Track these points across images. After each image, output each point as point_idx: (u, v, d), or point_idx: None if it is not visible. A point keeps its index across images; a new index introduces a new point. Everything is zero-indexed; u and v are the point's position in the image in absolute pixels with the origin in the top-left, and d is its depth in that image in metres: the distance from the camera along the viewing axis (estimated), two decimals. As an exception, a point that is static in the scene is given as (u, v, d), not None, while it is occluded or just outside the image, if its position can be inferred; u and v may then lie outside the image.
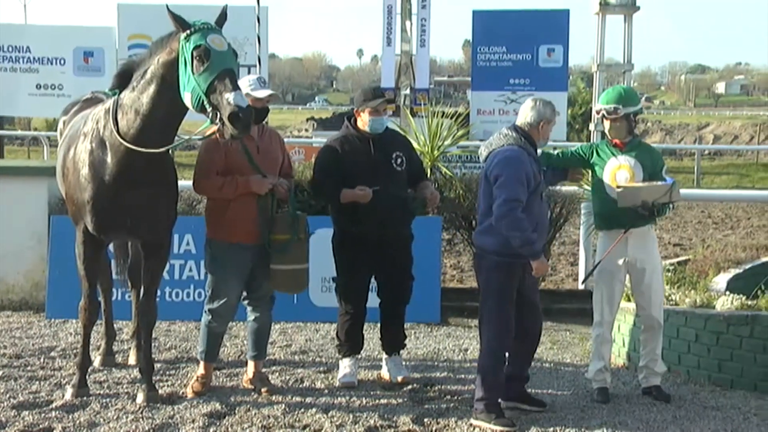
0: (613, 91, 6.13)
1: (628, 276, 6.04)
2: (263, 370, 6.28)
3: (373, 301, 6.38)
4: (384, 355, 6.48)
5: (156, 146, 5.25)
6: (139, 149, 5.21)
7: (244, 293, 5.98)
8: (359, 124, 6.14)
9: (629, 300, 6.54)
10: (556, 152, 6.48)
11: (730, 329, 6.14)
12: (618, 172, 5.91)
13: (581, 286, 8.55)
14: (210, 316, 5.90)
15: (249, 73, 12.96)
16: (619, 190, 5.78)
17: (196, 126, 5.69)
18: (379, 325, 6.46)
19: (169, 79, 5.12)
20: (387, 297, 6.32)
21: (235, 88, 4.89)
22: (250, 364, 6.18)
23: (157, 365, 6.46)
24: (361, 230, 6.04)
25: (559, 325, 7.86)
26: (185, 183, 6.11)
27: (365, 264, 6.16)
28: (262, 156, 5.78)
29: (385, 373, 6.41)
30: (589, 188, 6.57)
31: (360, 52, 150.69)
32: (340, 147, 6.12)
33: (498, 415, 5.38)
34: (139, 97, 5.25)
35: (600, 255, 6.00)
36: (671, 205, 5.90)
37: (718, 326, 6.23)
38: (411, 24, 17.22)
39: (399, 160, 6.15)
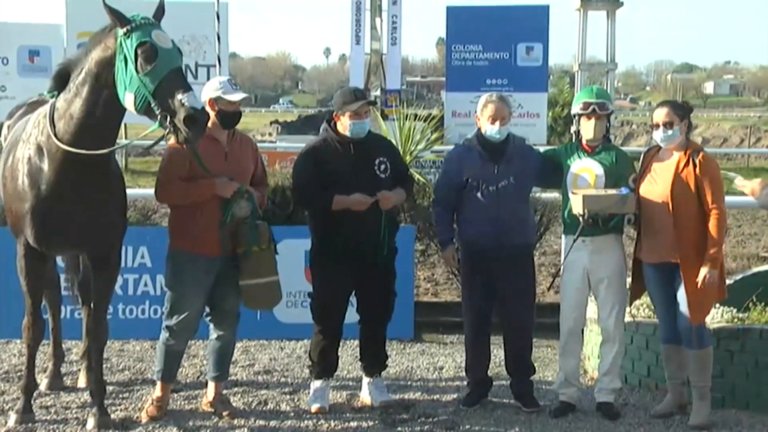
0: (596, 87, 6.31)
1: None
2: (224, 391, 6.25)
3: (350, 317, 6.35)
4: (364, 378, 6.46)
5: (95, 150, 5.16)
6: (78, 151, 5.11)
7: (207, 309, 5.95)
8: (339, 128, 6.11)
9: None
10: None
11: (721, 344, 6.19)
12: (580, 175, 6.03)
13: (545, 292, 8.62)
14: (168, 334, 5.86)
15: (208, 73, 12.93)
16: (572, 195, 5.92)
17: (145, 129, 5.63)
18: (349, 341, 6.45)
19: (104, 79, 5.04)
20: (368, 314, 6.30)
21: (187, 88, 4.85)
22: (211, 386, 6.15)
23: (110, 388, 6.40)
24: (343, 242, 6.02)
25: (540, 341, 7.86)
26: (139, 191, 6.09)
27: (346, 278, 6.14)
28: (231, 164, 5.73)
29: (366, 397, 6.39)
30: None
31: (327, 51, 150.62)
32: (320, 152, 6.09)
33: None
34: (74, 99, 5.17)
35: (565, 257, 6.15)
36: (629, 218, 5.94)
37: (707, 341, 6.28)
38: (381, 21, 17.25)
39: (383, 167, 6.13)
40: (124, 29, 4.94)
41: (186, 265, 5.73)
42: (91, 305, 5.84)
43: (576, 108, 6.14)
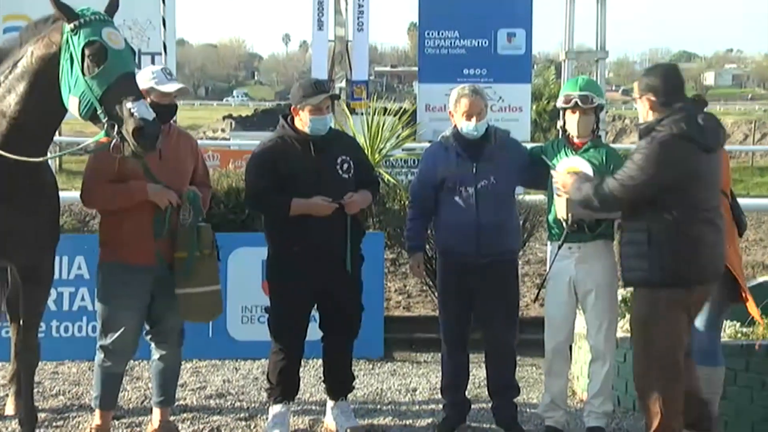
0: (581, 78, 6.29)
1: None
2: (172, 418, 6.23)
3: (312, 333, 6.36)
4: (329, 401, 6.46)
5: (28, 155, 5.04)
6: (8, 156, 5.04)
7: (147, 327, 5.92)
8: (297, 124, 6.10)
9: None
10: None
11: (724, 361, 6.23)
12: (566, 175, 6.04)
13: (530, 304, 8.62)
14: (103, 355, 5.82)
15: (153, 62, 12.88)
16: (556, 197, 5.97)
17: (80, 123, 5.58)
18: (312, 361, 6.45)
19: (47, 78, 4.92)
20: (332, 331, 6.30)
21: (139, 96, 4.78)
22: (156, 412, 6.12)
23: (42, 415, 6.36)
24: (304, 251, 6.01)
25: (524, 359, 7.91)
26: (75, 194, 6.02)
27: (308, 291, 6.14)
28: (166, 164, 5.67)
29: (330, 423, 6.40)
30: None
31: (286, 38, 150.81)
32: (276, 151, 6.08)
33: None
34: (5, 95, 5.06)
35: (549, 268, 6.18)
36: (619, 223, 5.94)
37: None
38: (346, 4, 17.25)
39: (345, 166, 6.14)
40: (72, 25, 4.82)
41: (117, 276, 5.70)
42: (20, 322, 5.78)
43: (559, 101, 6.18)
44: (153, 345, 6.00)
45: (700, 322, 5.71)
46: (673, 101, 5.27)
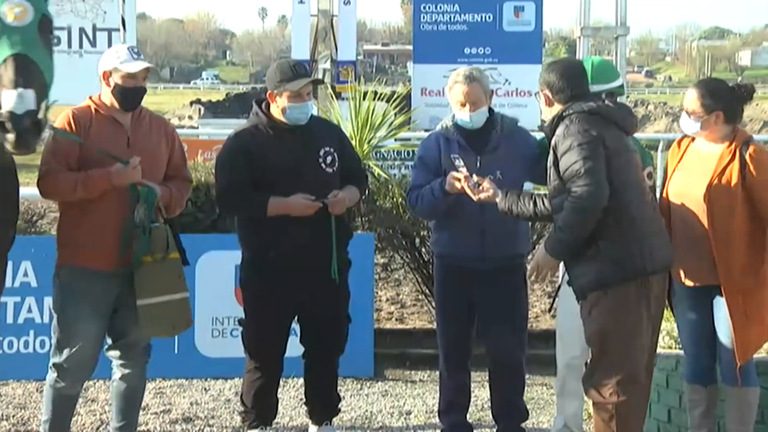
0: (597, 60, 6.31)
1: None
2: (132, 445, 6.23)
3: (292, 349, 6.38)
4: (311, 426, 6.49)
5: None
6: None
7: (108, 341, 5.92)
8: (274, 111, 6.11)
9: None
10: None
11: (759, 380, 6.26)
12: None
13: (540, 316, 8.64)
14: (56, 374, 5.82)
15: (109, 39, 12.88)
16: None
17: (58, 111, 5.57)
18: (292, 380, 6.46)
19: None
20: (315, 346, 6.32)
21: (21, 83, 4.63)
22: (115, 439, 6.13)
23: (-16, 442, 6.36)
24: (283, 255, 6.02)
25: (533, 378, 7.94)
26: (22, 191, 5.98)
27: (287, 301, 6.15)
28: (136, 152, 5.64)
29: (313, 450, 6.43)
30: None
31: (262, 13, 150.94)
32: (250, 142, 6.09)
33: None
34: None
35: (562, 276, 6.15)
36: None
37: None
38: (331, -27, 17.26)
39: (329, 159, 6.15)
40: None
41: (76, 283, 5.68)
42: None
43: None
44: (115, 363, 5.99)
45: (726, 336, 5.75)
46: (574, 96, 5.45)
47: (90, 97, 5.78)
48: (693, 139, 6.02)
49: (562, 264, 6.03)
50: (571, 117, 5.32)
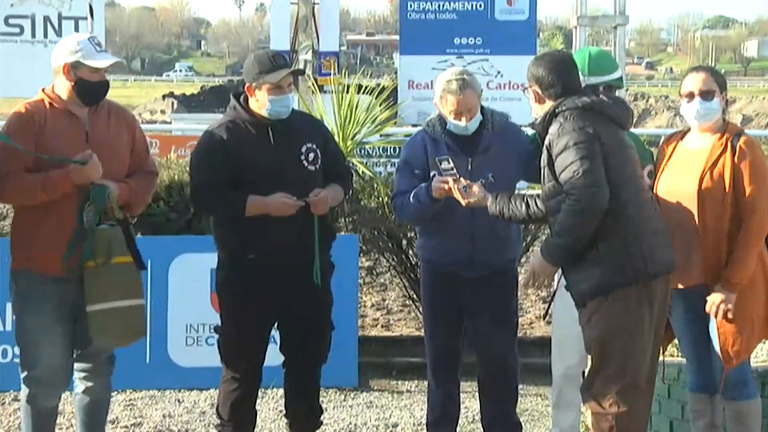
0: (594, 51, 6.34)
1: None
2: (101, 461, 6.22)
3: (271, 358, 6.38)
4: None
5: None
6: None
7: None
8: (253, 105, 6.09)
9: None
10: None
11: (765, 390, 6.28)
12: None
13: (534, 323, 8.66)
14: (29, 388, 5.74)
15: (76, 28, 12.85)
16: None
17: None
18: (271, 391, 6.45)
19: None
20: (296, 354, 6.30)
21: None
22: (82, 454, 6.11)
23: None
24: (262, 258, 6.02)
25: (527, 388, 7.95)
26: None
27: (266, 307, 6.15)
28: (95, 147, 5.58)
29: (294, 465, 6.42)
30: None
31: (239, 0, 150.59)
32: (227, 138, 6.07)
33: None
34: None
35: (558, 280, 6.11)
36: None
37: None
38: (312, -42, 17.25)
39: (311, 156, 6.13)
40: None
41: (34, 290, 5.65)
42: None
43: None
44: (77, 375, 5.94)
45: (716, 341, 5.76)
46: (566, 91, 5.43)
47: (43, 90, 5.70)
48: (682, 137, 6.06)
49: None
50: (564, 114, 5.31)
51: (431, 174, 6.03)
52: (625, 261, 5.26)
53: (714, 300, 5.64)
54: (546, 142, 5.36)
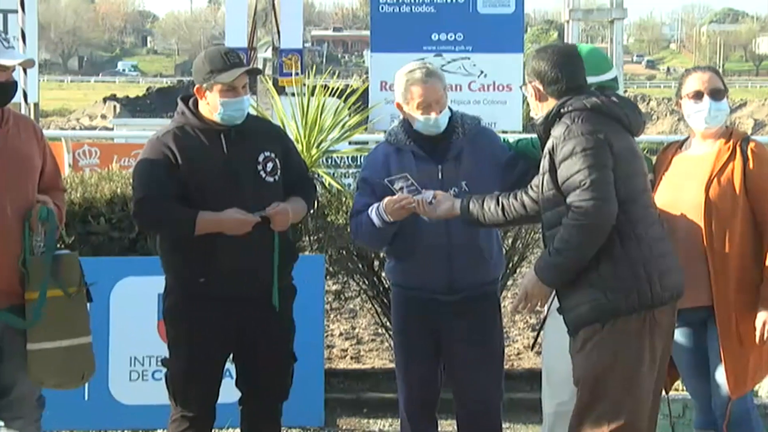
0: (588, 49, 6.33)
1: None
2: None
3: (226, 394, 6.37)
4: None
5: None
6: None
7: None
8: (203, 109, 6.09)
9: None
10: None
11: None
12: None
13: (522, 353, 8.67)
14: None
15: (4, 22, 12.84)
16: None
17: None
18: (228, 430, 6.43)
19: None
20: (254, 389, 6.29)
21: None
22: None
23: None
24: (215, 281, 6.01)
25: (515, 426, 7.97)
26: None
27: (220, 336, 6.14)
28: (4, 160, 5.53)
29: None
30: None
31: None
32: (174, 146, 6.06)
33: None
34: None
35: (548, 304, 6.10)
36: None
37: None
38: (272, -55, 17.28)
39: (270, 165, 6.13)
40: None
41: None
42: None
43: None
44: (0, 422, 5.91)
45: (723, 377, 5.79)
46: (570, 89, 5.38)
47: None
48: (681, 144, 6.09)
49: None
50: (571, 115, 5.22)
51: (398, 189, 5.94)
52: (630, 285, 5.18)
53: (765, 319, 5.66)
54: (548, 145, 5.28)
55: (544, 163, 5.29)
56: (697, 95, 5.93)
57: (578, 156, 5.10)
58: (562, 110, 5.26)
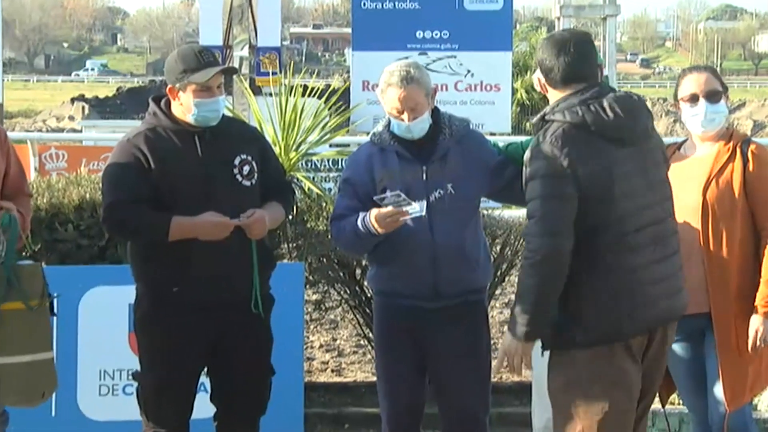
0: None
1: None
2: None
3: (201, 409, 6.36)
4: None
5: None
6: None
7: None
8: (176, 110, 6.08)
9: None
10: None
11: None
12: None
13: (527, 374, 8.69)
14: None
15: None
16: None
17: None
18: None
19: None
20: (230, 404, 6.30)
21: None
22: None
23: None
24: (189, 290, 6.00)
25: (503, 443, 7.99)
26: None
27: (194, 348, 6.13)
28: None
29: None
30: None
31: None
32: (146, 148, 6.03)
33: None
34: None
35: None
36: None
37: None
38: (249, -62, 17.29)
39: (246, 169, 6.12)
40: None
41: None
42: None
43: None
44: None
45: (720, 389, 5.80)
46: (567, 79, 5.23)
47: None
48: (678, 147, 6.11)
49: None
50: (546, 129, 5.10)
51: (381, 190, 5.99)
52: (593, 320, 5.05)
53: (758, 327, 5.66)
54: (525, 156, 5.19)
55: (525, 173, 5.17)
56: (693, 98, 5.94)
57: (537, 181, 5.01)
58: (546, 116, 5.18)
